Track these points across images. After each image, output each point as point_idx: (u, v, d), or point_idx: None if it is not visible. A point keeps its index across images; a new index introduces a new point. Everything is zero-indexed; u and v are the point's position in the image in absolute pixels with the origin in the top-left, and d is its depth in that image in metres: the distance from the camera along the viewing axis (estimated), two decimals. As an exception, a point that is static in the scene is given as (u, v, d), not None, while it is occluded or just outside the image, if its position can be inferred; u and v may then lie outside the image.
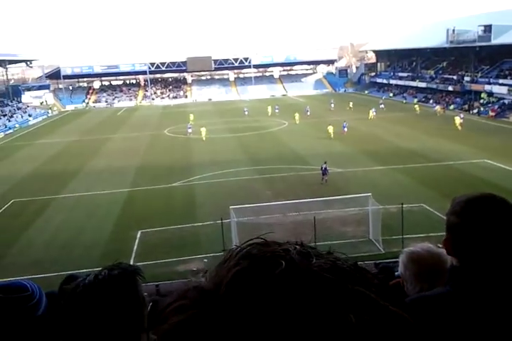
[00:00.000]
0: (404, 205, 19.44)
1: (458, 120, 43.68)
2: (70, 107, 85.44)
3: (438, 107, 55.04)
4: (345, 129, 42.68)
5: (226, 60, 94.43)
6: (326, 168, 27.16)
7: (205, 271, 0.60)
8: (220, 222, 18.59)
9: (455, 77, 66.71)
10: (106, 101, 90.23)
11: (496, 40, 56.36)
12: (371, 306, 0.51)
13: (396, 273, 6.26)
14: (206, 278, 0.57)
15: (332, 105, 62.10)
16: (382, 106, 58.99)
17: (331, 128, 41.14)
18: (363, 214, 20.58)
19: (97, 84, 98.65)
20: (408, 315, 0.53)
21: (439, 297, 1.48)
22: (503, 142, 36.56)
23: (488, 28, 57.40)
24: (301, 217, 20.57)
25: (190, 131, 46.11)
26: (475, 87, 60.46)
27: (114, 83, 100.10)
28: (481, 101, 57.90)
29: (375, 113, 51.84)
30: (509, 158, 30.72)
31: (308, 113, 54.44)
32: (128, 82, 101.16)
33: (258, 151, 37.20)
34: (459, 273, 1.49)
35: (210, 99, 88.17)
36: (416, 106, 50.14)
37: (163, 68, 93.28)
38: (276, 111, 59.63)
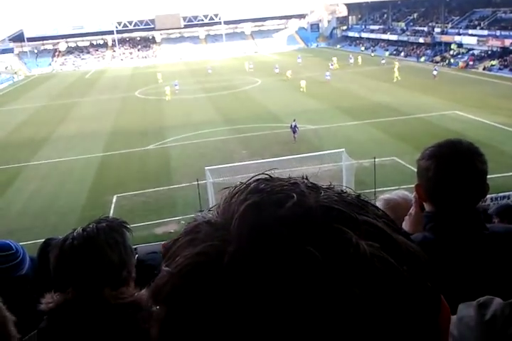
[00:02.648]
0: (376, 159, 19.81)
1: (397, 66, 45.96)
2: (36, 71, 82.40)
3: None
4: (329, 78, 45.79)
5: (195, 17, 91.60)
6: (295, 126, 26.92)
7: (210, 208, 0.58)
8: (196, 183, 18.61)
9: (425, 29, 66.27)
10: (73, 64, 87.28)
11: (466, -10, 55.82)
12: (383, 236, 0.50)
13: None
14: (214, 214, 0.55)
15: (299, 60, 61.70)
16: (352, 60, 58.59)
17: (303, 83, 41.77)
18: (336, 170, 20.87)
19: (63, 46, 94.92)
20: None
21: (427, 244, 1.50)
22: (473, 93, 36.98)
23: (458, -23, 56.68)
24: (277, 175, 20.66)
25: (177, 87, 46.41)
26: (445, 38, 60.28)
27: (80, 44, 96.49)
28: (451, 52, 57.93)
29: (331, 66, 52.87)
30: (478, 108, 31.20)
31: (277, 70, 53.59)
32: (95, 42, 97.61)
33: (232, 111, 36.87)
34: (435, 218, 1.55)
35: (181, 58, 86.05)
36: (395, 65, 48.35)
37: (131, 27, 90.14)
38: (251, 67, 59.30)
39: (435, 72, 44.46)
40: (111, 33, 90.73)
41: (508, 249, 1.50)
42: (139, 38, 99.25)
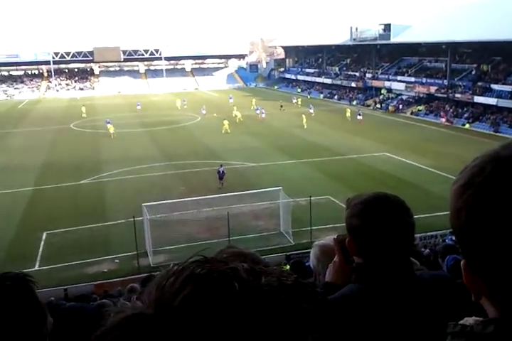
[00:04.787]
0: (312, 198, 20.39)
1: (349, 112, 47.69)
2: (-37, 99, 78.59)
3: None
4: (264, 115, 47.21)
5: (136, 51, 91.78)
6: (223, 171, 25.83)
7: (140, 292, 0.54)
8: (132, 220, 18.24)
9: (357, 74, 70.24)
10: (5, 93, 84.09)
11: (394, 39, 60.08)
12: (320, 323, 0.50)
13: (307, 264, 6.64)
14: (145, 302, 0.51)
15: (231, 100, 62.20)
16: (295, 100, 60.72)
17: (226, 124, 41.80)
18: (274, 208, 21.26)
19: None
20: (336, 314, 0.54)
21: (355, 295, 1.60)
22: (401, 136, 39.31)
23: (387, 27, 60.99)
24: (215, 212, 20.76)
25: (109, 125, 41.66)
26: (376, 83, 64.09)
27: (14, 73, 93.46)
28: (381, 97, 61.58)
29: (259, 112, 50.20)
30: (406, 150, 33.13)
31: (204, 111, 52.76)
32: (30, 72, 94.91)
33: (171, 146, 36.82)
34: (363, 270, 1.63)
35: (119, 92, 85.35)
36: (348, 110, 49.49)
37: (69, 58, 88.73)
38: (184, 103, 60.00)
39: (360, 117, 45.94)
40: (47, 63, 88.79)
41: (434, 296, 1.60)
42: (76, 70, 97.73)
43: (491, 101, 45.01)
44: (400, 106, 55.83)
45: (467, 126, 44.70)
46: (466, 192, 0.71)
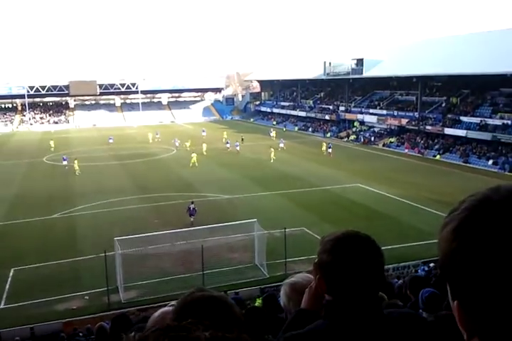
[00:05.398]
0: (286, 229, 20.38)
1: (325, 146, 47.97)
2: None
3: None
4: (238, 148, 48.07)
5: (112, 85, 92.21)
6: (194, 209, 25.29)
7: None
8: (103, 254, 17.88)
9: (331, 107, 71.85)
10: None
11: (367, 73, 61.95)
12: None
13: (279, 298, 6.60)
14: None
15: (204, 133, 62.46)
16: (272, 133, 60.72)
17: (194, 156, 41.74)
18: (249, 240, 21.12)
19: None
20: None
21: (322, 331, 1.61)
22: (373, 167, 39.96)
23: (360, 62, 62.97)
24: (190, 246, 20.56)
25: (65, 163, 42.14)
26: (349, 116, 65.56)
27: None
28: (354, 129, 62.88)
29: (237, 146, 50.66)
30: (379, 182, 33.62)
31: (177, 144, 53.16)
32: (3, 106, 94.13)
33: (146, 179, 36.60)
34: (333, 308, 1.64)
35: (94, 125, 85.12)
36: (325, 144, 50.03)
37: (44, 92, 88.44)
38: (157, 136, 60.23)
39: (330, 150, 46.75)
40: (22, 97, 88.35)
41: (401, 334, 1.62)
42: (51, 103, 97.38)
43: (460, 132, 46.38)
44: (372, 138, 57.00)
45: (438, 157, 45.80)
46: (460, 236, 0.72)
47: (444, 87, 55.93)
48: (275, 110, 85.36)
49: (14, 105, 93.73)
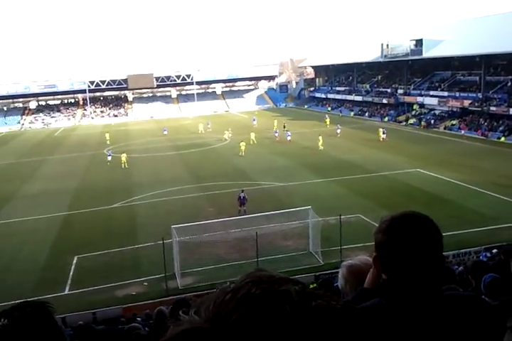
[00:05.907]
0: (342, 216, 19.93)
1: (381, 131, 45.76)
2: (3, 129, 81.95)
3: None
4: (289, 138, 46.39)
5: (168, 77, 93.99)
6: (244, 197, 24.98)
7: (195, 309, 0.57)
8: (161, 242, 18.27)
9: (389, 90, 69.59)
10: (43, 122, 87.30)
11: (426, 54, 59.42)
12: None
13: (335, 285, 6.43)
14: (202, 317, 0.54)
15: (254, 122, 62.02)
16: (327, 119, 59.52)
17: (243, 145, 41.51)
18: (303, 227, 20.92)
19: (33, 104, 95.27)
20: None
21: (375, 309, 1.58)
22: (434, 151, 38.40)
23: (419, 42, 60.43)
24: (244, 233, 20.62)
25: (109, 158, 42.00)
26: (408, 99, 63.28)
27: (51, 103, 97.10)
28: (413, 112, 60.64)
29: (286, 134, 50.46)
30: (439, 166, 32.28)
31: (210, 128, 54.07)
32: (66, 101, 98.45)
33: (201, 168, 37.11)
34: (388, 287, 1.60)
35: (152, 117, 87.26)
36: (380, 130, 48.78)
37: (103, 86, 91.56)
38: (208, 126, 60.62)
39: (384, 135, 45.12)
40: (83, 91, 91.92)
41: (460, 316, 1.55)
42: (111, 97, 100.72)
43: (528, 112, 43.66)
44: (433, 121, 54.80)
45: (503, 139, 43.40)
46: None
47: (509, 66, 52.62)
48: (330, 96, 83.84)
49: (76, 100, 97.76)
